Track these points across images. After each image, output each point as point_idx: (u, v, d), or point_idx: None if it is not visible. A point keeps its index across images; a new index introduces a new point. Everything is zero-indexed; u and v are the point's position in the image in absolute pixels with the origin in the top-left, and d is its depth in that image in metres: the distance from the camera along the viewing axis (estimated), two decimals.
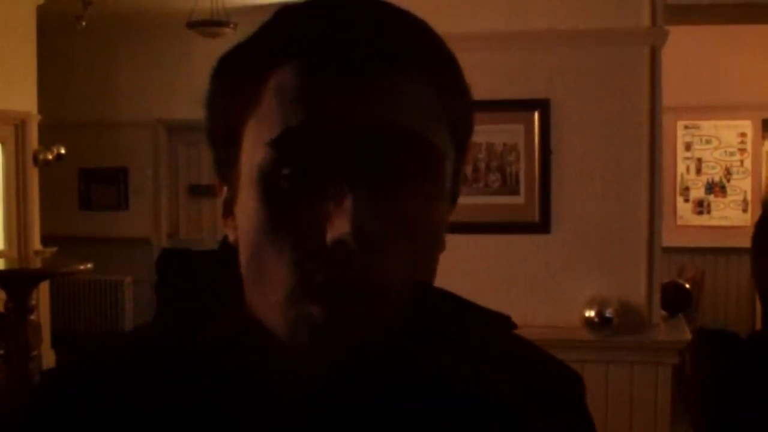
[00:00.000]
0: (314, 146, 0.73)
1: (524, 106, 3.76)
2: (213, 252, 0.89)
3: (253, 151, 0.76)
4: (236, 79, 0.79)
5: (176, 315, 0.88)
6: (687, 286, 4.88)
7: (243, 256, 0.78)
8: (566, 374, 0.93)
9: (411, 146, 0.74)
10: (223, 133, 0.81)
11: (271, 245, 0.74)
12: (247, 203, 0.77)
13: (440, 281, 0.90)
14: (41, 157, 8.37)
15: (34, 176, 8.38)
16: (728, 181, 8.64)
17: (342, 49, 0.74)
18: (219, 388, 0.78)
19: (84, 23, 9.03)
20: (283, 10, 0.80)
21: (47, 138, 8.49)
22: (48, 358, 7.97)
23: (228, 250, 0.83)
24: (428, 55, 0.79)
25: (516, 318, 0.93)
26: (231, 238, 0.82)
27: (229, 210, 0.82)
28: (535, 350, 0.93)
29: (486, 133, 3.77)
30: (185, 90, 9.80)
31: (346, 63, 0.73)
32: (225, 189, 0.83)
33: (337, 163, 0.72)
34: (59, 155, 8.56)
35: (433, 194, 0.77)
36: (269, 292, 0.75)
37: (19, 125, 8.17)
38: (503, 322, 0.92)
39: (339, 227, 0.70)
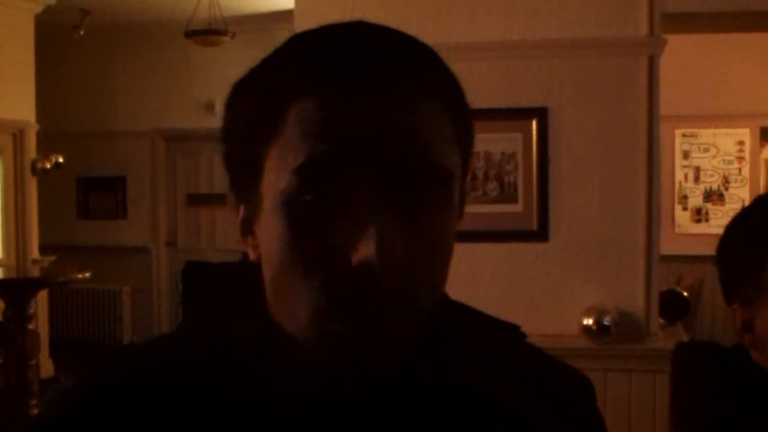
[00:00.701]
0: (337, 174, 0.75)
1: (522, 114, 3.76)
2: (235, 264, 0.92)
3: (277, 178, 0.78)
4: (256, 108, 0.82)
5: (204, 322, 0.91)
6: (685, 294, 4.88)
7: (267, 273, 0.82)
8: (577, 379, 0.95)
9: (430, 174, 0.77)
10: (242, 160, 0.83)
11: (296, 268, 0.77)
12: (271, 226, 0.79)
13: None
14: (39, 166, 8.37)
15: (32, 185, 8.37)
16: (726, 189, 8.64)
17: (361, 78, 0.76)
18: (247, 393, 0.80)
19: (82, 33, 9.06)
20: (297, 37, 0.83)
21: (45, 147, 8.49)
22: (46, 366, 7.96)
23: (249, 264, 0.86)
24: (442, 81, 0.82)
25: None
26: (252, 256, 0.85)
27: (248, 229, 0.85)
28: (547, 357, 0.95)
29: (484, 142, 3.77)
30: (183, 99, 9.81)
31: (366, 92, 0.76)
32: (242, 208, 0.86)
33: (359, 191, 0.75)
34: (57, 164, 8.56)
35: (448, 215, 0.81)
36: (294, 311, 0.79)
37: (18, 134, 8.16)
38: (514, 331, 0.95)
39: (364, 251, 0.73)
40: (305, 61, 0.80)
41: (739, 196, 8.57)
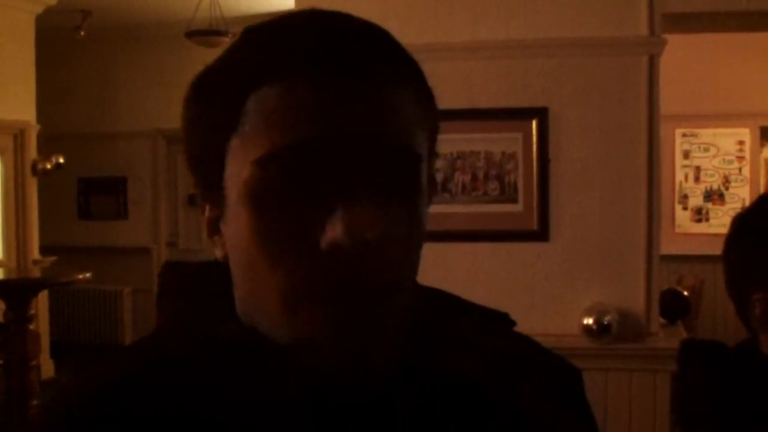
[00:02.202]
0: (301, 162, 0.74)
1: (522, 114, 3.77)
2: (215, 262, 0.88)
3: (240, 170, 0.77)
4: (215, 103, 0.80)
5: (181, 324, 0.89)
6: (686, 293, 4.88)
7: (236, 269, 0.81)
8: (566, 368, 0.94)
9: (397, 157, 0.76)
10: (204, 156, 0.82)
11: (264, 258, 0.76)
12: (237, 219, 0.78)
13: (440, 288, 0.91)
14: (40, 166, 8.37)
15: (33, 186, 8.38)
16: (727, 188, 8.64)
17: (321, 63, 0.75)
18: (227, 395, 0.78)
19: (83, 33, 9.06)
20: (250, 29, 0.82)
21: (46, 148, 8.50)
22: (47, 367, 7.96)
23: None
24: (402, 64, 0.81)
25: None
26: (219, 255, 0.84)
27: (215, 228, 0.84)
28: (535, 346, 0.94)
29: (484, 142, 3.78)
30: None
31: (327, 76, 0.75)
32: (208, 208, 0.85)
33: (325, 176, 0.74)
34: (58, 165, 8.56)
35: (417, 199, 0.79)
36: (264, 303, 0.77)
37: (18, 135, 8.17)
38: (501, 319, 0.94)
39: (332, 233, 0.73)
40: (262, 49, 0.78)
41: (740, 196, 8.57)
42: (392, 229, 0.75)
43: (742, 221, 1.65)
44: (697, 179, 8.71)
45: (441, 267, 3.73)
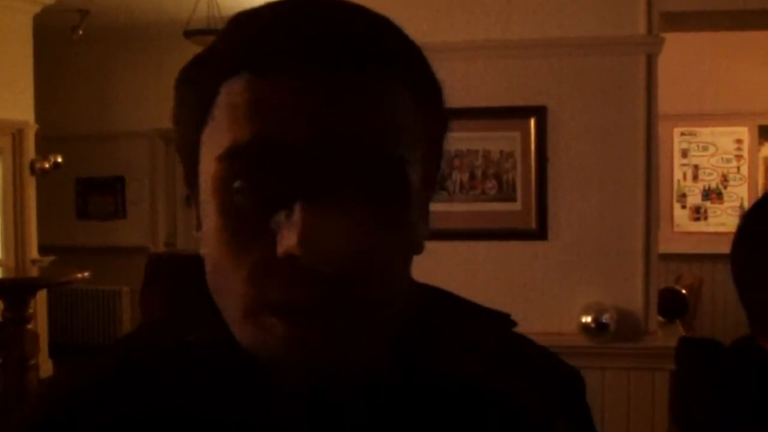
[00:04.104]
0: (262, 160, 0.70)
1: (521, 113, 3.77)
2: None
3: (208, 165, 0.74)
4: (192, 92, 0.77)
5: (159, 325, 0.86)
6: (684, 292, 4.89)
7: (207, 268, 0.77)
8: (566, 370, 0.92)
9: (364, 157, 0.70)
10: (184, 146, 0.79)
11: (228, 259, 0.72)
12: (207, 216, 0.75)
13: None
14: (38, 166, 8.38)
15: (31, 186, 8.38)
16: (725, 187, 8.64)
17: (294, 53, 0.70)
18: (193, 404, 0.75)
19: (81, 33, 9.06)
20: (237, 15, 0.77)
21: (44, 147, 8.50)
22: (45, 367, 7.96)
23: None
24: (397, 53, 0.75)
25: None
26: (202, 251, 0.79)
27: (200, 223, 0.80)
28: (535, 347, 0.92)
29: (483, 140, 3.78)
30: None
31: (298, 67, 0.70)
32: (194, 202, 0.82)
33: (286, 177, 0.70)
34: (56, 165, 8.57)
35: (398, 206, 0.73)
36: (229, 306, 0.74)
37: (17, 135, 8.17)
38: (503, 320, 0.91)
39: (287, 240, 0.68)
40: (238, 37, 0.74)
41: (738, 195, 8.57)
42: (358, 239, 0.70)
43: (750, 217, 1.64)
44: (695, 178, 8.71)
45: (439, 266, 3.73)
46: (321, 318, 0.69)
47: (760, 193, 8.33)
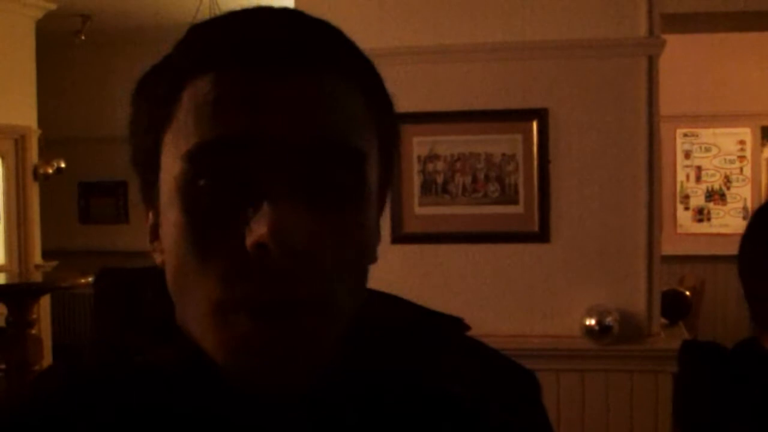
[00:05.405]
0: (228, 157, 0.71)
1: (522, 115, 3.77)
2: (153, 268, 0.82)
3: (171, 166, 0.74)
4: (151, 99, 0.78)
5: (105, 343, 0.84)
6: (687, 294, 4.88)
7: (169, 274, 0.76)
8: (521, 373, 0.91)
9: (335, 153, 0.72)
10: (143, 154, 0.79)
11: (194, 258, 0.71)
12: (168, 218, 0.75)
13: (440, 291, 0.90)
14: (41, 171, 8.38)
15: (34, 190, 8.38)
16: (728, 188, 8.63)
17: (256, 54, 0.72)
18: (160, 419, 0.74)
19: (83, 38, 9.07)
20: (195, 25, 0.79)
21: (47, 152, 8.50)
22: None
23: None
24: (350, 60, 0.77)
25: (515, 327, 0.94)
26: (158, 261, 0.79)
27: (155, 234, 0.80)
28: (489, 350, 0.91)
29: (484, 143, 3.78)
30: None
31: (261, 67, 0.72)
32: (151, 214, 0.81)
33: (252, 173, 0.70)
34: (59, 169, 8.57)
35: (359, 201, 0.74)
36: (196, 308, 0.72)
37: (19, 140, 8.17)
38: (455, 324, 0.90)
39: (256, 232, 0.68)
40: (197, 44, 0.76)
41: (741, 196, 8.57)
42: (330, 234, 0.71)
43: (758, 215, 1.65)
44: (698, 179, 8.71)
45: (441, 269, 3.73)
46: (287, 313, 0.69)
47: (763, 194, 8.34)
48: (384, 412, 0.79)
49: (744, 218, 8.41)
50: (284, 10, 0.77)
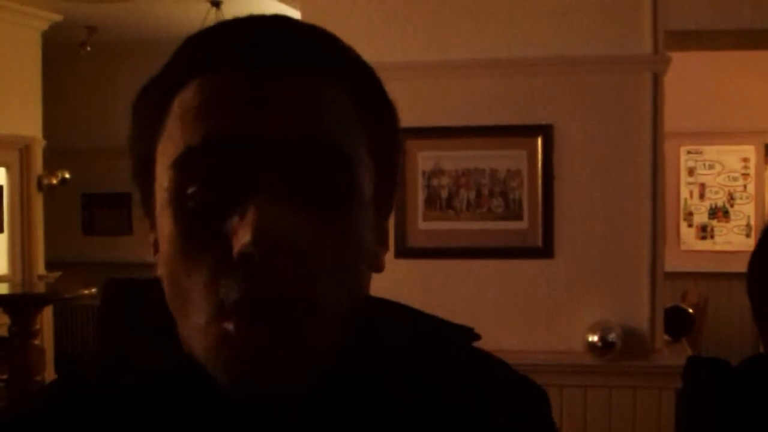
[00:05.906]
0: (215, 163, 0.70)
1: (527, 131, 3.77)
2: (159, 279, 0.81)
3: (162, 176, 0.74)
4: (146, 110, 0.78)
5: (114, 348, 0.84)
6: (690, 310, 4.88)
7: (165, 286, 0.75)
8: (530, 388, 0.91)
9: (323, 155, 0.71)
10: (140, 167, 0.79)
11: (186, 267, 0.71)
12: (162, 228, 0.74)
13: (443, 305, 0.90)
14: (45, 182, 8.39)
15: (38, 201, 8.39)
16: (731, 205, 8.64)
17: (242, 60, 0.72)
18: (160, 425, 0.74)
19: (88, 49, 9.09)
20: (189, 36, 0.79)
21: (51, 163, 8.51)
22: None
23: None
24: (341, 63, 0.77)
25: (519, 343, 0.94)
26: (158, 273, 0.78)
27: (157, 247, 0.79)
28: (499, 363, 0.91)
29: (489, 159, 3.78)
30: None
31: (246, 73, 0.72)
32: (152, 227, 0.80)
33: (239, 178, 0.70)
34: (63, 180, 8.58)
35: (350, 205, 0.74)
36: (190, 317, 0.72)
37: (24, 150, 8.19)
38: (465, 334, 0.88)
39: (241, 240, 0.67)
40: (188, 54, 0.76)
41: (745, 213, 8.57)
42: (323, 238, 0.71)
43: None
44: (702, 196, 8.71)
45: (445, 283, 3.73)
46: (277, 314, 0.69)
47: (767, 212, 8.33)
48: (384, 414, 0.78)
49: (747, 236, 8.41)
50: (273, 16, 0.77)
